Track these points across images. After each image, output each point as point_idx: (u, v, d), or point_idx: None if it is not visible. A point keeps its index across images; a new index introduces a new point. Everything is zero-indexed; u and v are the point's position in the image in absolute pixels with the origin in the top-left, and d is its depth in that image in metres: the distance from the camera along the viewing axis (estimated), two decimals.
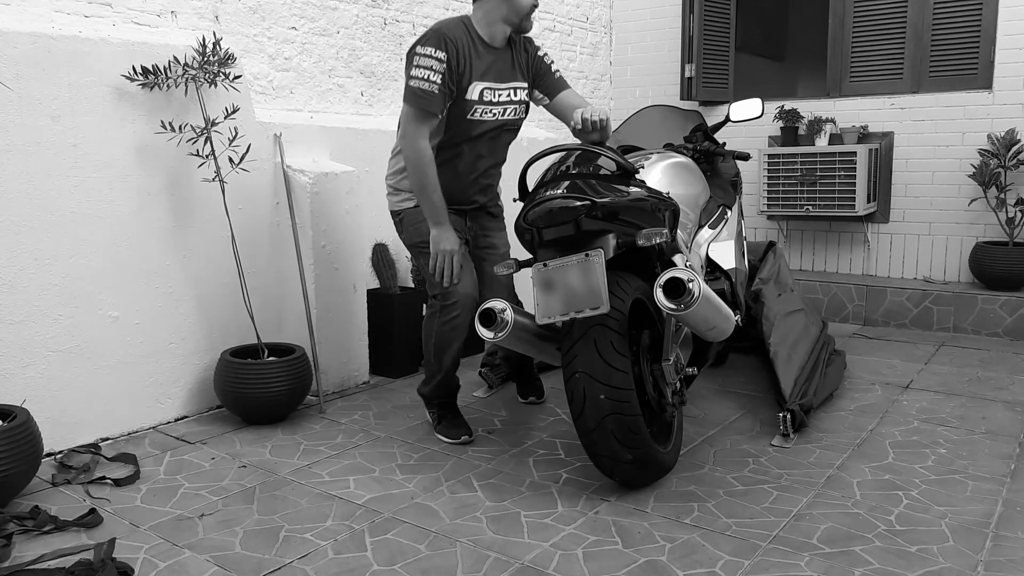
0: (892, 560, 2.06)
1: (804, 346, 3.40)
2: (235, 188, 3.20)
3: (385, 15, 4.19)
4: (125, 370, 2.98)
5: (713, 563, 2.06)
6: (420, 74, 2.57)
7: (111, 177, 2.89)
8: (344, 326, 3.55)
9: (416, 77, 2.58)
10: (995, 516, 2.30)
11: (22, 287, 2.68)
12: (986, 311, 4.47)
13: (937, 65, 4.82)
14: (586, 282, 2.28)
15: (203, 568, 2.05)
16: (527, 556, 2.10)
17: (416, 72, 2.58)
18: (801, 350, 3.35)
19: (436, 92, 2.58)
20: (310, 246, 3.39)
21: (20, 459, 2.30)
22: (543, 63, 2.89)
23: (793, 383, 3.09)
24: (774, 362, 3.19)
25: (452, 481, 2.59)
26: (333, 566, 2.06)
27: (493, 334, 2.37)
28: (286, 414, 3.17)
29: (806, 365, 3.29)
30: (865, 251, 5.13)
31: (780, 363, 3.17)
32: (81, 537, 2.21)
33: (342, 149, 3.72)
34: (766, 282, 3.63)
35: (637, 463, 2.38)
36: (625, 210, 2.41)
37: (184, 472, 2.66)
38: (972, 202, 4.71)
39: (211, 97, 3.11)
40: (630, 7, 5.84)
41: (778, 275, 3.74)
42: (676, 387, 2.61)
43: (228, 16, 3.47)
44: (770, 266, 3.76)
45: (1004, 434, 2.95)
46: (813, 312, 3.88)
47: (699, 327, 2.44)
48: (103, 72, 2.85)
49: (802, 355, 3.32)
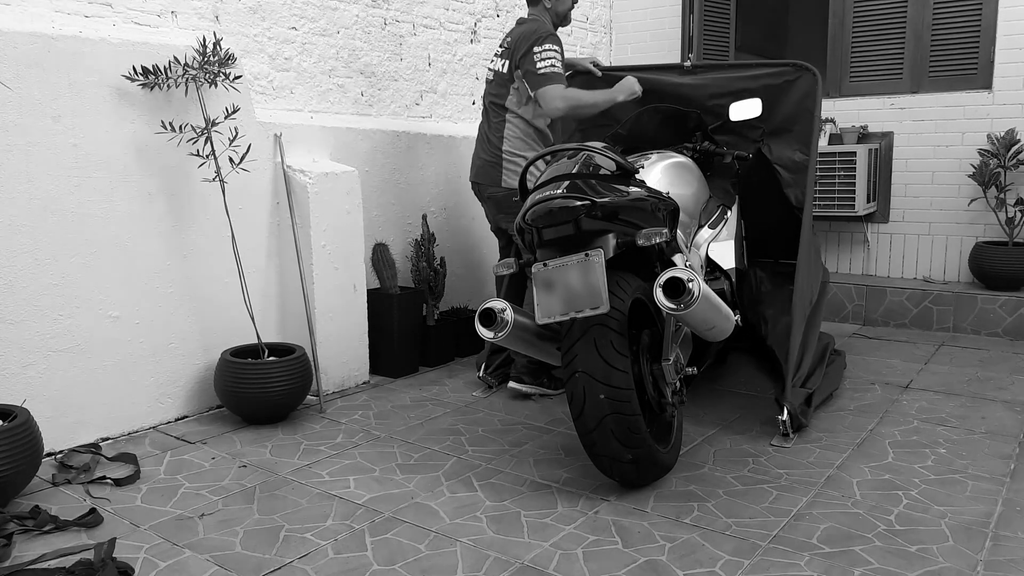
0: (892, 560, 2.06)
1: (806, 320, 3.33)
2: (235, 188, 3.20)
3: (385, 15, 4.19)
4: (125, 370, 2.98)
5: (713, 563, 2.06)
6: (553, 60, 3.30)
7: (111, 177, 2.89)
8: (344, 326, 3.56)
9: (550, 62, 3.29)
10: (995, 516, 2.31)
11: (22, 287, 2.68)
12: (986, 311, 4.47)
13: (937, 65, 4.82)
14: (586, 282, 2.28)
15: (203, 568, 2.05)
16: (527, 556, 2.10)
17: (549, 59, 3.29)
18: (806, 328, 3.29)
19: (563, 71, 3.37)
20: (310, 246, 3.39)
21: (20, 459, 2.30)
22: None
23: (798, 361, 3.04)
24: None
25: (452, 481, 2.59)
26: (333, 566, 2.06)
27: (493, 334, 2.37)
28: (286, 414, 3.18)
29: (809, 343, 3.26)
30: (865, 251, 5.13)
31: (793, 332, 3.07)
32: (81, 537, 2.21)
33: (342, 149, 3.72)
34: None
35: (637, 463, 2.38)
36: (625, 210, 2.41)
37: (184, 472, 2.66)
38: (972, 202, 4.71)
39: (211, 97, 3.11)
40: (630, 7, 5.84)
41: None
42: (676, 387, 2.61)
43: (228, 16, 3.47)
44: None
45: (1004, 434, 2.95)
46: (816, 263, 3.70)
47: (699, 327, 2.44)
48: (103, 72, 2.85)
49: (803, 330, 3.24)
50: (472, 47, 4.74)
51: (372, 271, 3.83)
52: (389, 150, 3.97)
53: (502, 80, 3.46)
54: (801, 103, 3.39)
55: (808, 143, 3.35)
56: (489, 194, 3.51)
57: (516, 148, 3.43)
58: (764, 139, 3.52)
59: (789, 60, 3.51)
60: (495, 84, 3.50)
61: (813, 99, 3.34)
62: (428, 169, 4.19)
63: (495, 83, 3.50)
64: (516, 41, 3.37)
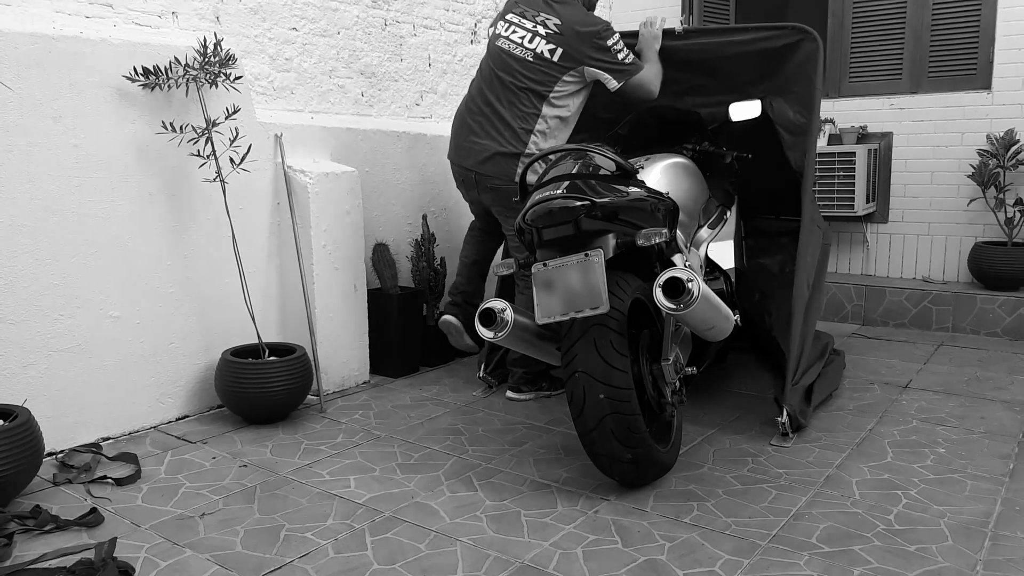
0: (891, 559, 2.07)
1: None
2: (236, 188, 3.20)
3: (386, 16, 4.19)
4: (126, 370, 2.98)
5: (713, 562, 2.06)
6: (626, 48, 3.20)
7: (112, 177, 2.90)
8: (344, 326, 3.56)
9: (627, 52, 3.20)
10: (994, 515, 2.31)
11: (22, 287, 2.68)
12: (985, 311, 4.48)
13: (936, 65, 4.82)
14: (586, 282, 2.29)
15: (204, 567, 2.05)
16: (527, 555, 2.10)
17: (624, 49, 3.19)
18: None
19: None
20: (310, 246, 3.39)
21: (21, 459, 2.30)
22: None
23: (799, 354, 3.01)
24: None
25: (452, 481, 2.59)
26: (333, 565, 2.06)
27: (493, 334, 2.38)
28: (286, 414, 3.18)
29: (807, 337, 3.22)
30: (864, 251, 5.14)
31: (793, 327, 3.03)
32: (82, 536, 2.21)
33: (342, 149, 3.72)
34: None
35: (637, 462, 2.38)
36: (625, 210, 2.42)
37: (185, 471, 2.67)
38: (971, 202, 4.72)
39: (212, 98, 3.11)
40: (630, 7, 5.84)
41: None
42: (676, 387, 2.61)
43: (229, 17, 3.48)
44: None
45: (1003, 434, 2.96)
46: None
47: (698, 327, 2.44)
48: (104, 73, 2.85)
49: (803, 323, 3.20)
50: (472, 48, 4.74)
51: (372, 271, 3.84)
52: (389, 150, 3.98)
53: (549, 66, 3.11)
54: (802, 68, 3.19)
55: (808, 107, 3.17)
56: (493, 185, 3.19)
57: (539, 144, 3.13)
58: (767, 96, 3.37)
59: (788, 23, 3.25)
60: (535, 68, 3.12)
61: (814, 64, 3.15)
62: (428, 169, 4.19)
63: (536, 67, 3.12)
64: (571, 30, 3.10)
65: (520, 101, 3.13)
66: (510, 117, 3.13)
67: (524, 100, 3.13)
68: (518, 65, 3.13)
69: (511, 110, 3.14)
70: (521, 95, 3.13)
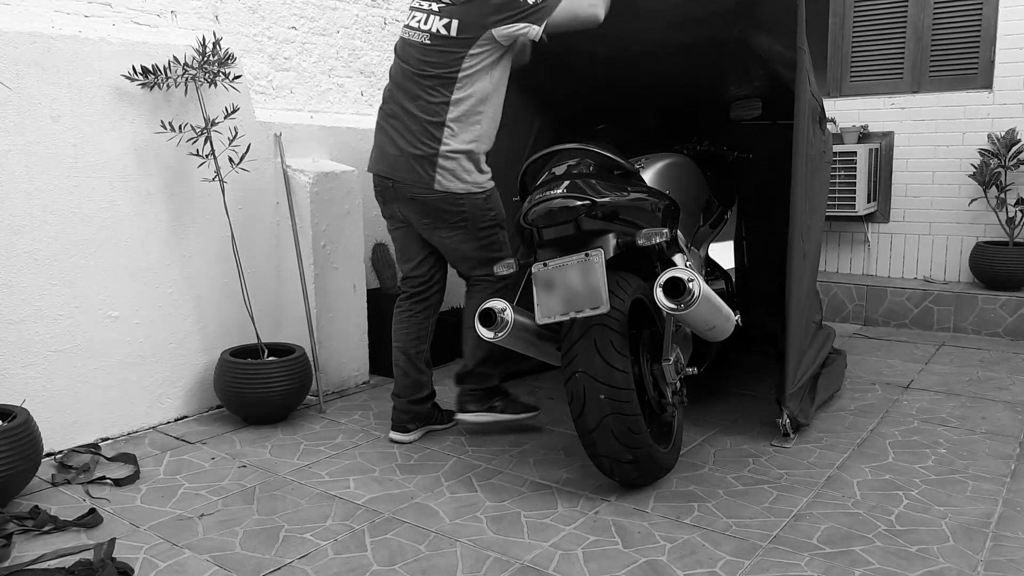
0: (892, 560, 2.06)
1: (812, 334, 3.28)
2: (235, 188, 3.19)
3: (385, 15, 4.19)
4: (125, 370, 2.98)
5: (713, 563, 2.05)
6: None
7: (111, 177, 2.89)
8: (344, 326, 3.55)
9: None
10: (995, 516, 2.30)
11: (22, 287, 2.68)
12: (986, 311, 4.47)
13: (937, 65, 4.81)
14: (586, 282, 2.28)
15: (203, 568, 2.05)
16: (527, 556, 2.10)
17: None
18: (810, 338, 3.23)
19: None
20: (310, 246, 3.38)
21: (20, 459, 2.30)
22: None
23: (798, 362, 2.96)
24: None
25: (452, 481, 2.59)
26: (333, 566, 2.05)
27: (493, 334, 2.37)
28: (286, 414, 3.17)
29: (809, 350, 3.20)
30: (865, 251, 5.13)
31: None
32: (81, 537, 2.21)
33: (342, 149, 3.72)
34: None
35: (637, 463, 2.37)
36: (625, 210, 2.41)
37: (184, 472, 2.66)
38: (972, 202, 4.71)
39: (211, 97, 3.10)
40: None
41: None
42: (676, 387, 2.61)
43: (228, 16, 3.47)
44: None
45: (1004, 434, 2.95)
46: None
47: (699, 327, 2.44)
48: (103, 72, 2.85)
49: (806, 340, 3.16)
50: None
51: (372, 271, 3.83)
52: None
53: (448, 43, 2.69)
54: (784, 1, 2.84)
55: (794, 39, 2.80)
56: (413, 195, 2.77)
57: (461, 137, 2.70)
58: (745, 33, 3.08)
59: None
60: (435, 51, 2.70)
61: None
62: None
63: (435, 49, 2.70)
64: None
65: (427, 93, 2.72)
66: (419, 112, 2.73)
67: (431, 91, 2.72)
68: (417, 52, 2.74)
69: (417, 104, 2.73)
70: (426, 85, 2.72)
